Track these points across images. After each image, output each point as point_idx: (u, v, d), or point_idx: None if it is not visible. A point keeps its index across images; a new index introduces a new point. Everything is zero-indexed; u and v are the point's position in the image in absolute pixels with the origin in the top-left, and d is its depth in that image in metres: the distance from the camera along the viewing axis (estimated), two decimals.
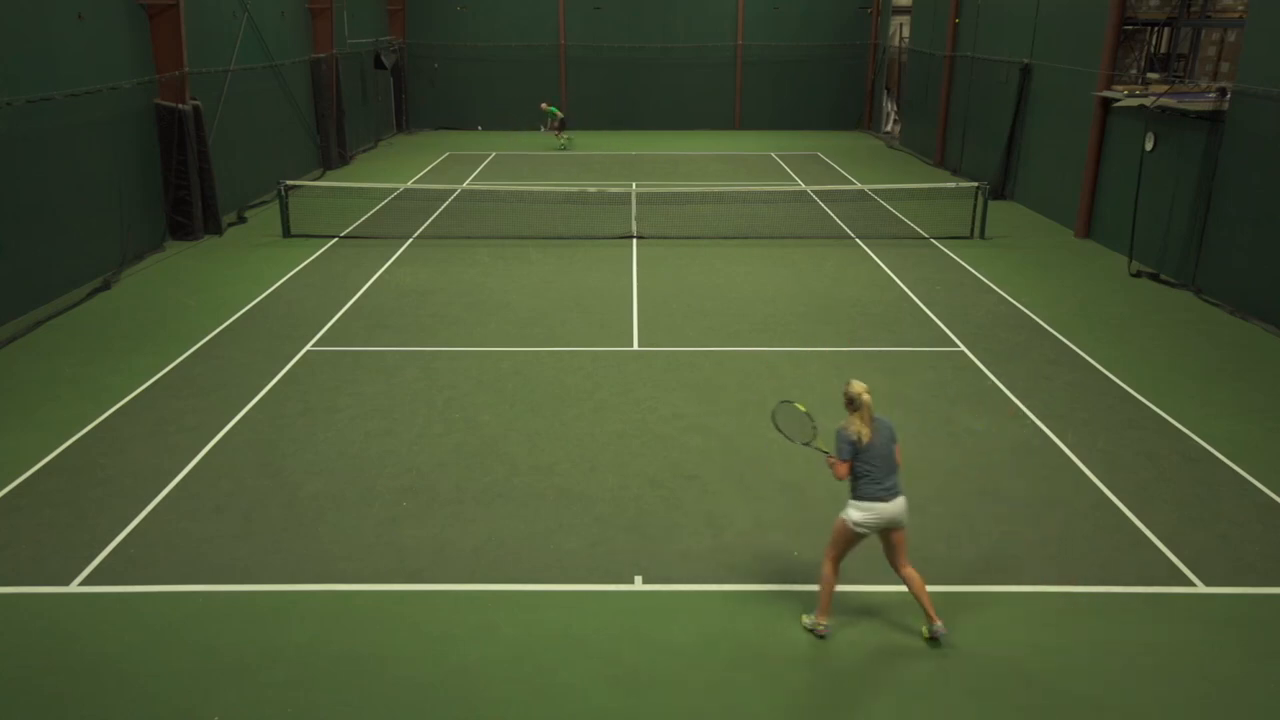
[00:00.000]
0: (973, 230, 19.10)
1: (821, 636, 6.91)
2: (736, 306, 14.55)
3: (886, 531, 6.73)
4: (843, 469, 6.61)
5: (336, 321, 13.82)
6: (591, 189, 23.02)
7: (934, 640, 6.85)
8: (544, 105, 32.59)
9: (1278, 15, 13.82)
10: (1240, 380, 11.71)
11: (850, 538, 6.74)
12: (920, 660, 6.66)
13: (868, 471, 6.60)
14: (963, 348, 12.78)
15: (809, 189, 23.78)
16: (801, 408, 7.28)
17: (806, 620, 7.03)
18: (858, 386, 6.66)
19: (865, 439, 6.57)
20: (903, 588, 7.43)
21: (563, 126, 31.45)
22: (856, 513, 6.62)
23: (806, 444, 7.13)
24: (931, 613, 6.82)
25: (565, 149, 30.85)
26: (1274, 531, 8.30)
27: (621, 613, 7.18)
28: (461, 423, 10.42)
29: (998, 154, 23.24)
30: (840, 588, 7.44)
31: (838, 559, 6.87)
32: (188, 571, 7.66)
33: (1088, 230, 19.05)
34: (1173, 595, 7.40)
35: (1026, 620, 7.09)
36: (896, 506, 6.64)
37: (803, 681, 6.46)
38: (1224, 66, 17.93)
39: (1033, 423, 10.44)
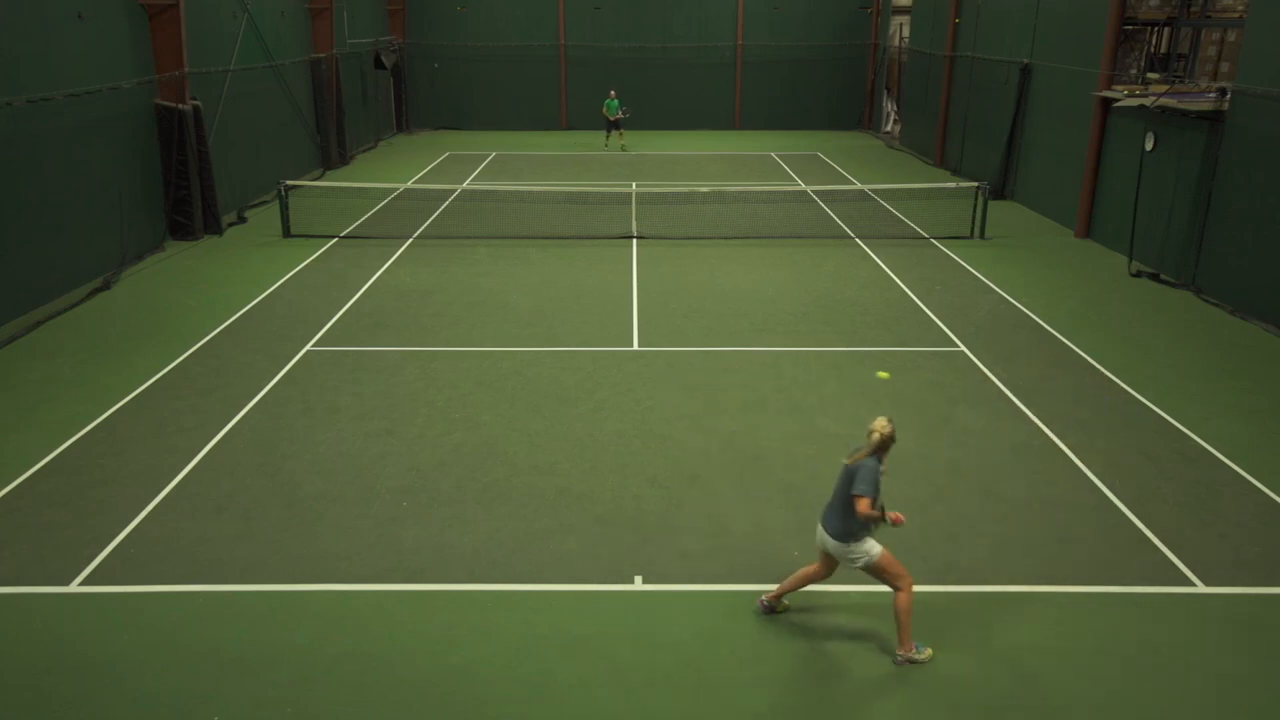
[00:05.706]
0: (973, 230, 19.10)
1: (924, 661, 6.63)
2: (736, 306, 14.55)
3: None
4: (866, 504, 6.28)
5: (336, 321, 13.82)
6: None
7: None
8: (613, 93, 31.08)
9: (1278, 15, 13.83)
10: (1240, 380, 11.71)
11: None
12: None
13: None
14: (963, 348, 12.78)
15: (809, 189, 23.77)
16: (884, 375, 7.14)
17: (915, 654, 6.62)
18: (889, 426, 6.41)
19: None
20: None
21: (614, 126, 30.49)
22: (877, 543, 6.58)
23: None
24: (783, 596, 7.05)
25: (610, 148, 30.62)
26: (1273, 531, 8.31)
27: (621, 612, 7.18)
28: (461, 423, 10.42)
29: (998, 154, 23.24)
30: (840, 587, 7.45)
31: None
32: (188, 571, 7.66)
33: (1088, 230, 19.05)
34: (1173, 595, 7.40)
35: (1027, 620, 7.09)
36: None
37: (803, 681, 6.46)
38: (1224, 66, 17.94)
39: (1033, 423, 10.44)
